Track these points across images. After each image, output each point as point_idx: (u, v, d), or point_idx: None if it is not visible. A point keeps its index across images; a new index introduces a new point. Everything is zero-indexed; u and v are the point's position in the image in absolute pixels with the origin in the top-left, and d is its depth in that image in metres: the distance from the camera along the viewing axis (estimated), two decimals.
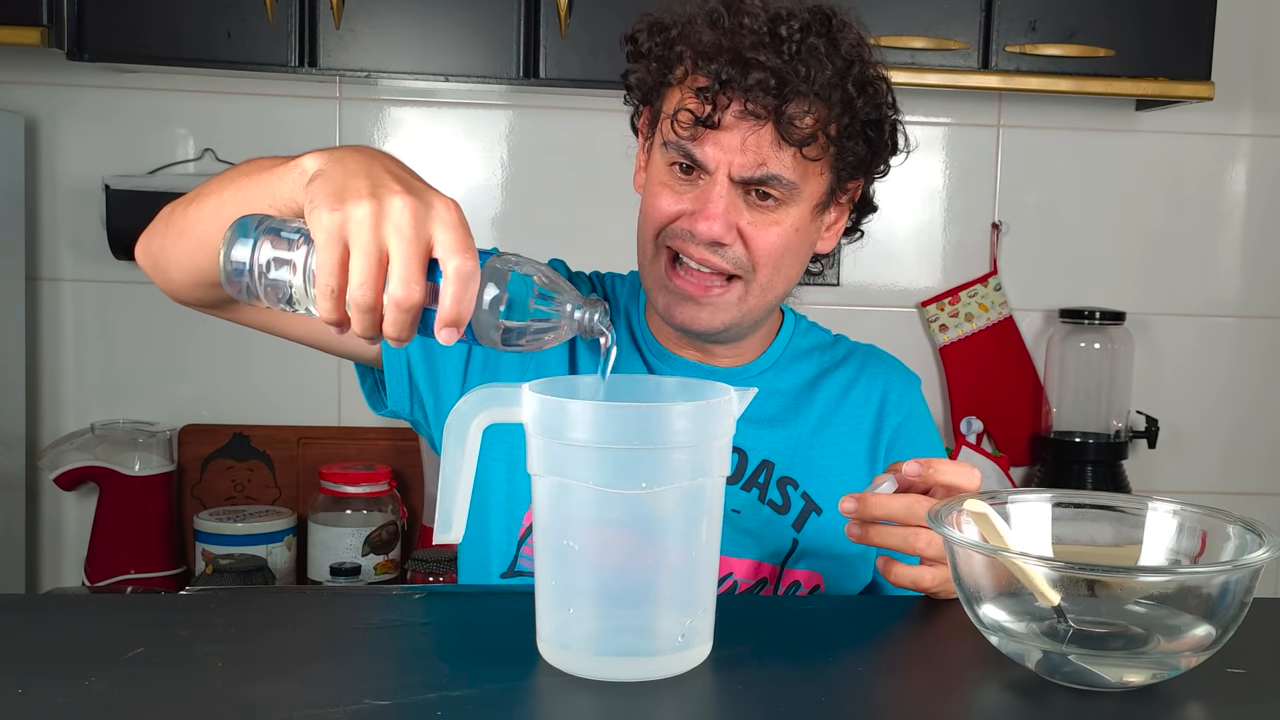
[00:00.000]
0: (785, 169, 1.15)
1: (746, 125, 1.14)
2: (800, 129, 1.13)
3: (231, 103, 2.40)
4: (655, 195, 1.20)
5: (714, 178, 1.16)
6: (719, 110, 1.13)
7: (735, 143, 1.14)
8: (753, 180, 1.15)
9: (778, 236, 1.18)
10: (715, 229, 1.15)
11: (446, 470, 0.83)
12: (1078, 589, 0.80)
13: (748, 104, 1.12)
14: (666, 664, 0.81)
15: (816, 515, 1.25)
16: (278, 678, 0.79)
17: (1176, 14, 2.24)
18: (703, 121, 1.13)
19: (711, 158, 1.15)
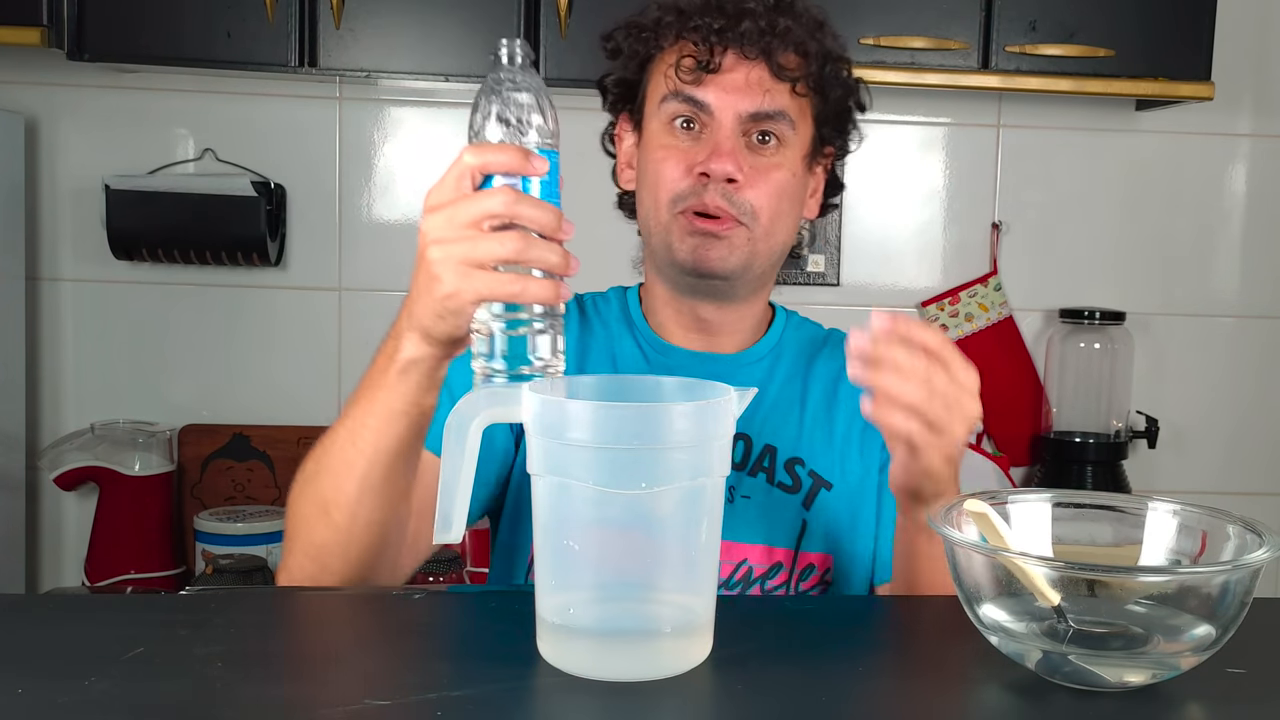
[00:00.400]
0: (785, 104, 1.23)
1: (744, 66, 1.22)
2: (790, 69, 1.22)
3: (231, 103, 2.40)
4: (661, 162, 1.24)
5: (719, 120, 1.22)
6: (716, 57, 1.21)
7: (737, 82, 1.21)
8: (759, 114, 1.22)
9: (778, 180, 1.24)
10: (729, 166, 1.20)
11: (446, 471, 0.83)
12: (1078, 589, 0.80)
13: (743, 47, 1.21)
14: (666, 664, 0.81)
15: (826, 491, 1.27)
16: (278, 678, 0.79)
17: (1176, 14, 2.24)
18: (703, 66, 1.21)
19: (716, 99, 1.22)
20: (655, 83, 1.26)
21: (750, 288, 1.30)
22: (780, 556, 1.25)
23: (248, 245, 2.33)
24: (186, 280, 2.43)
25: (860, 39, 2.18)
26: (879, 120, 2.55)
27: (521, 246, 0.88)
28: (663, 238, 1.25)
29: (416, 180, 2.46)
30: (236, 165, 2.39)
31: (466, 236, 0.89)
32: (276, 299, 2.45)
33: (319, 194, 2.44)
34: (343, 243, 2.46)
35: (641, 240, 1.34)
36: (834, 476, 1.28)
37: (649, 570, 0.82)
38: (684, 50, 1.22)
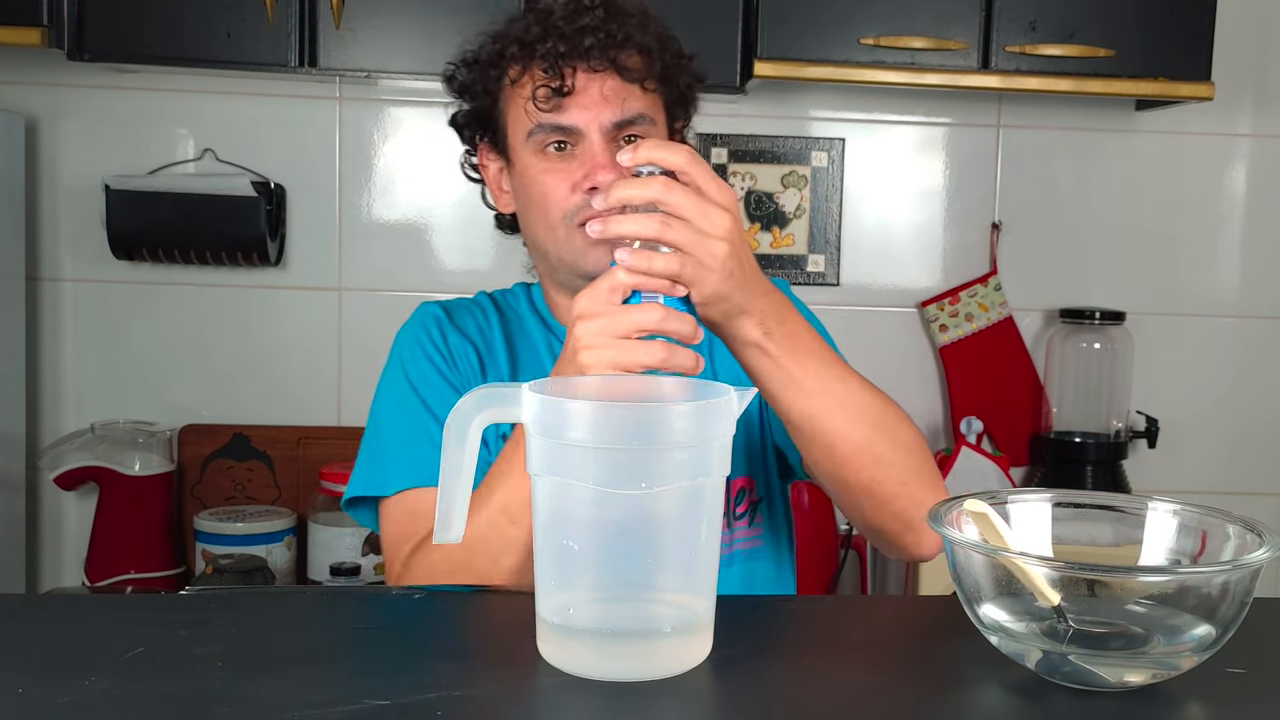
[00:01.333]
0: (641, 104, 1.28)
1: (596, 81, 1.26)
2: (636, 70, 1.27)
3: (231, 103, 2.40)
4: (542, 185, 1.29)
5: (588, 136, 1.26)
6: (567, 79, 1.25)
7: (594, 98, 1.26)
8: (622, 122, 1.26)
9: None
10: (611, 175, 1.22)
11: (446, 471, 0.83)
12: (1078, 589, 0.80)
13: (589, 63, 1.25)
14: (666, 664, 0.81)
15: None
16: (278, 678, 0.79)
17: (1176, 14, 2.24)
18: (559, 92, 1.25)
19: (579, 119, 1.26)
20: (515, 115, 1.30)
21: None
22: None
23: (248, 245, 2.33)
24: (186, 280, 2.43)
25: (860, 39, 2.18)
26: (879, 120, 2.55)
27: (666, 355, 0.99)
28: (563, 254, 1.30)
29: (416, 180, 2.46)
30: (236, 165, 2.39)
31: (618, 345, 1.00)
32: (276, 299, 2.45)
33: (319, 194, 2.44)
34: (343, 243, 2.46)
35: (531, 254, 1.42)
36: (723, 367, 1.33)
37: (649, 570, 0.82)
38: (535, 80, 1.26)
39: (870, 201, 2.55)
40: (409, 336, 1.38)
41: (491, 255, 2.48)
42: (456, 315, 1.39)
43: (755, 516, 1.35)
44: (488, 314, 1.41)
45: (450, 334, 1.36)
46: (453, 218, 2.47)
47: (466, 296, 1.46)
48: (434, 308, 1.40)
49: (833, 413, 1.13)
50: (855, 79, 2.21)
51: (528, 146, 1.29)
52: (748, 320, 1.08)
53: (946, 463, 2.47)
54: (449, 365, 1.33)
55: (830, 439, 1.14)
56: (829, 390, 1.13)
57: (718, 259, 1.02)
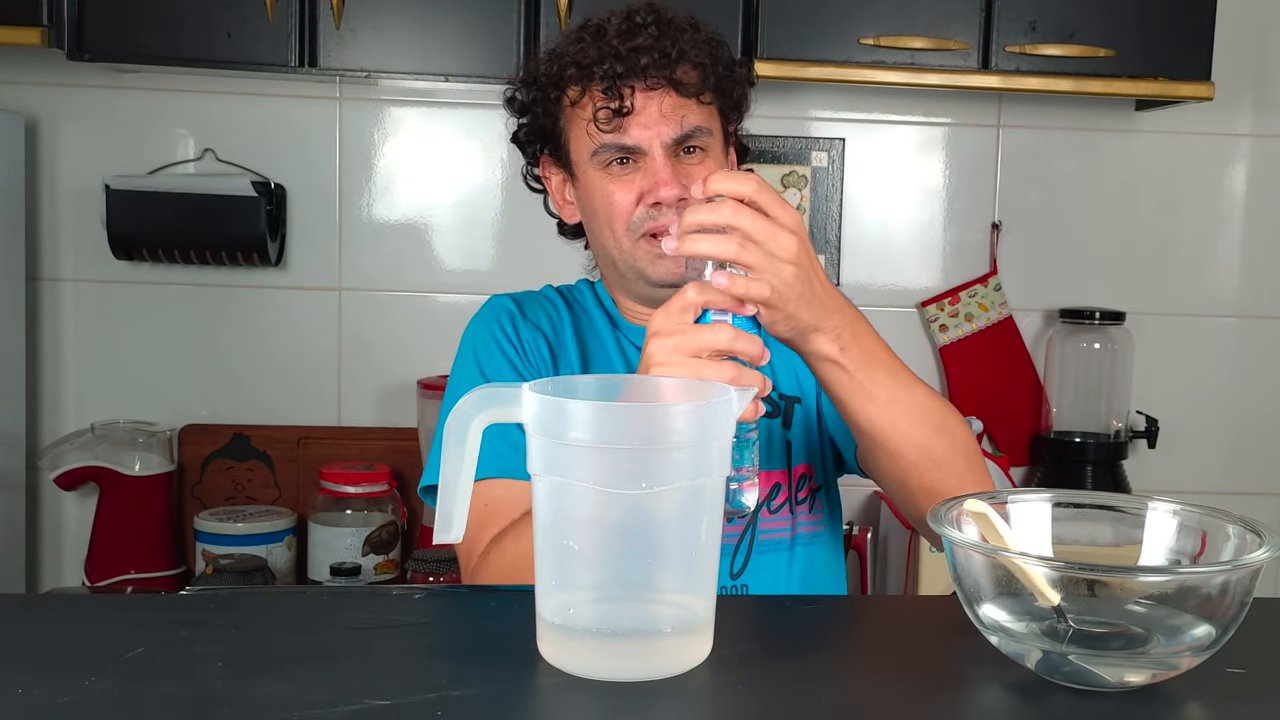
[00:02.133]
0: (698, 118, 1.32)
1: (654, 99, 1.30)
2: (692, 85, 1.31)
3: (231, 103, 2.40)
4: (608, 195, 1.34)
5: (650, 153, 1.31)
6: (626, 99, 1.29)
7: (653, 116, 1.30)
8: (681, 138, 1.31)
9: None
10: (676, 190, 1.29)
11: (446, 471, 0.83)
12: (1078, 589, 0.80)
13: (646, 81, 1.29)
14: (666, 664, 0.81)
15: (798, 405, 1.40)
16: (278, 678, 0.79)
17: (1176, 14, 2.24)
18: (619, 113, 1.29)
19: (641, 138, 1.31)
20: (577, 134, 1.35)
21: None
22: (778, 478, 1.37)
23: (248, 245, 2.33)
24: (186, 280, 2.43)
25: (860, 39, 2.18)
26: (879, 120, 2.55)
27: (735, 375, 1.01)
28: (630, 263, 1.35)
29: (416, 180, 2.46)
30: (236, 165, 2.39)
31: (689, 363, 1.02)
32: (276, 299, 2.45)
33: (319, 194, 2.44)
34: (343, 243, 2.46)
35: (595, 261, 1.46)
36: (795, 390, 1.41)
37: (649, 570, 0.82)
38: (595, 101, 1.30)
39: (870, 201, 2.55)
40: (482, 328, 1.40)
41: (491, 255, 2.48)
42: (528, 307, 1.43)
43: (815, 503, 1.39)
44: (558, 308, 1.44)
45: (522, 326, 1.39)
46: (453, 218, 2.47)
47: (533, 290, 1.49)
48: (505, 300, 1.44)
49: (900, 421, 1.18)
50: (855, 79, 2.21)
51: (592, 164, 1.34)
52: (822, 337, 1.12)
53: None
54: (521, 357, 1.37)
55: (897, 445, 1.19)
56: (897, 400, 1.18)
57: (786, 281, 1.05)
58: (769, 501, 1.36)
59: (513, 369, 1.35)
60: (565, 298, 1.48)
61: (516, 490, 1.25)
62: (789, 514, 1.37)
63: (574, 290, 1.50)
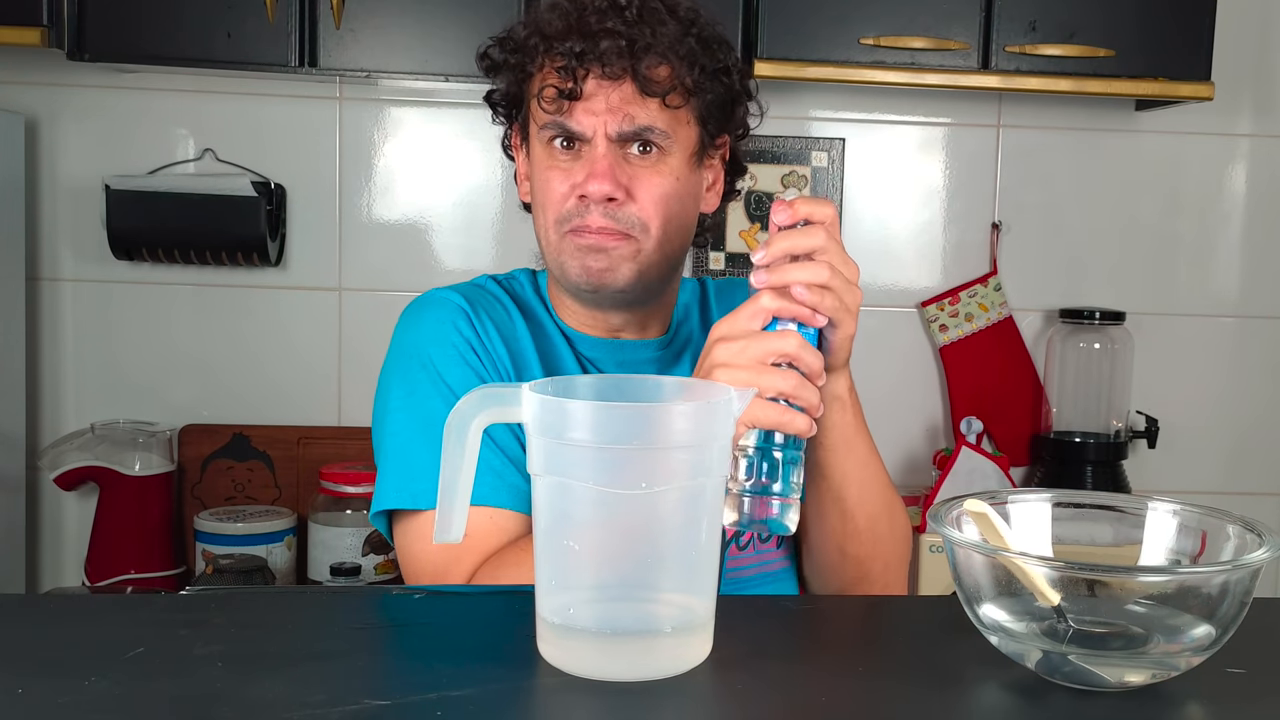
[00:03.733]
0: (655, 119, 1.23)
1: (608, 87, 1.22)
2: (658, 83, 1.22)
3: (231, 103, 2.40)
4: (546, 183, 1.27)
5: (593, 141, 1.23)
6: (579, 81, 1.21)
7: (601, 105, 1.22)
8: (629, 134, 1.23)
9: (661, 185, 1.25)
10: (605, 186, 1.22)
11: (446, 471, 0.83)
12: (1078, 589, 0.80)
13: (604, 68, 1.21)
14: (666, 664, 0.81)
15: None
16: (278, 678, 0.79)
17: (1176, 14, 2.24)
18: (566, 94, 1.22)
19: (585, 124, 1.23)
20: (533, 108, 1.27)
21: (651, 292, 1.32)
22: None
23: (248, 245, 2.33)
24: (186, 280, 2.43)
25: (860, 39, 2.18)
26: (879, 120, 2.55)
27: (797, 385, 1.01)
28: (555, 258, 1.29)
29: (416, 180, 2.46)
30: (236, 165, 2.39)
31: (754, 368, 1.01)
32: (276, 299, 2.45)
33: (319, 194, 2.44)
34: (343, 243, 2.46)
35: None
36: None
37: (649, 570, 0.82)
38: (547, 78, 1.23)
39: (870, 201, 2.55)
40: (434, 330, 1.29)
41: (492, 255, 2.48)
42: (480, 306, 1.32)
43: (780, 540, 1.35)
44: (508, 310, 1.34)
45: (480, 330, 1.29)
46: (453, 218, 2.47)
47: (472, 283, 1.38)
48: (454, 298, 1.32)
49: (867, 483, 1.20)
50: (855, 79, 2.21)
51: (539, 138, 1.27)
52: (845, 375, 1.13)
53: (947, 463, 2.47)
54: (484, 366, 1.27)
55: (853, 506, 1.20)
56: (870, 461, 1.20)
57: (857, 305, 1.07)
58: (736, 538, 1.31)
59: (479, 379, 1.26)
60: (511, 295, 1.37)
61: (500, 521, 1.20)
62: (753, 551, 1.33)
63: (514, 284, 1.40)
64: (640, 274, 1.26)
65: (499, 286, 1.38)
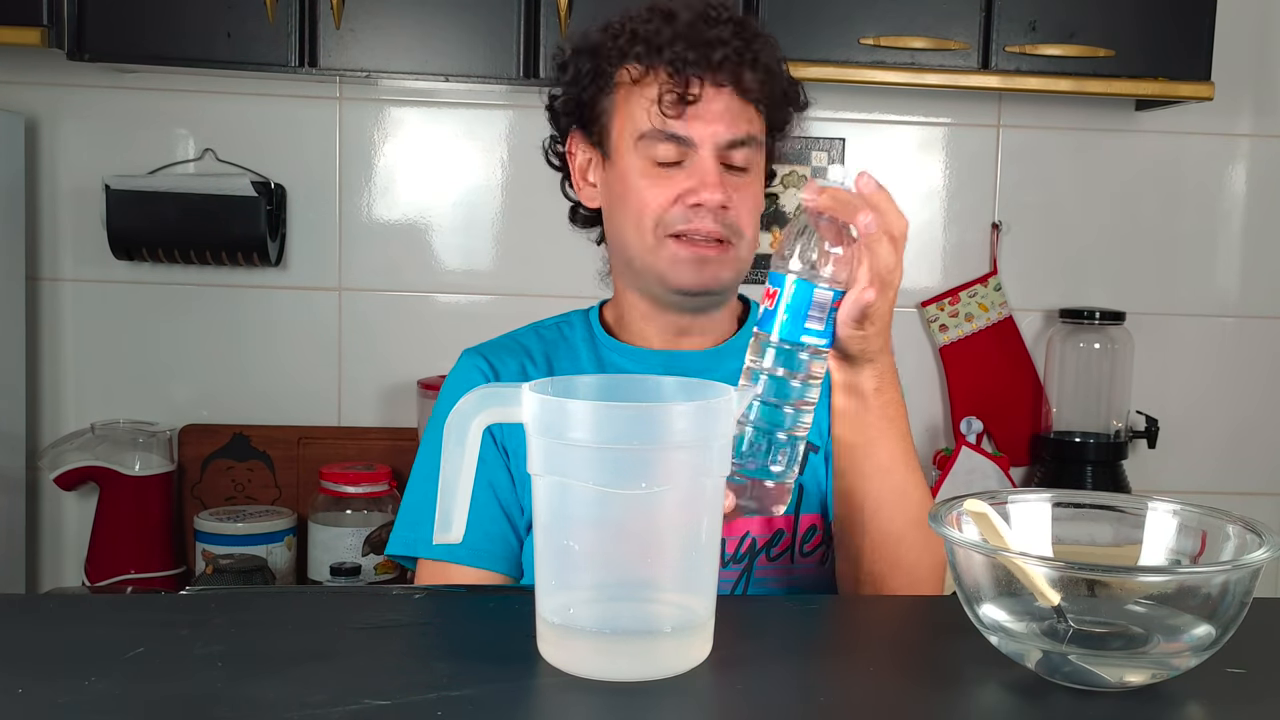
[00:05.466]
0: (755, 128, 1.27)
1: (718, 95, 1.25)
2: (754, 91, 1.26)
3: (231, 103, 2.40)
4: (643, 190, 1.27)
5: (701, 152, 1.25)
6: (694, 88, 1.24)
7: (714, 113, 1.24)
8: (734, 142, 1.25)
9: (755, 195, 1.30)
10: (719, 195, 1.24)
11: (446, 470, 0.83)
12: (1078, 589, 0.80)
13: (715, 77, 1.24)
14: (666, 664, 0.81)
15: (814, 454, 1.32)
16: (278, 678, 0.79)
17: (1176, 14, 2.24)
18: (683, 99, 1.23)
19: (696, 131, 1.24)
20: (626, 113, 1.28)
21: (732, 294, 1.37)
22: (780, 524, 1.29)
23: (248, 245, 2.33)
24: (186, 280, 2.43)
25: (860, 39, 2.18)
26: (879, 120, 2.55)
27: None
28: (650, 262, 1.28)
29: (416, 180, 2.46)
30: (236, 165, 2.39)
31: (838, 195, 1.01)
32: (276, 299, 2.45)
33: (319, 194, 2.44)
34: (343, 243, 2.46)
35: (608, 255, 1.38)
36: (816, 439, 1.31)
37: (649, 570, 0.82)
38: (661, 83, 1.24)
39: None
40: (451, 386, 1.35)
41: (491, 255, 2.48)
42: (496, 359, 1.35)
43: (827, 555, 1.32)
44: (531, 353, 1.35)
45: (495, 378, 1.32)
46: (453, 218, 2.47)
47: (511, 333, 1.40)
48: (474, 358, 1.36)
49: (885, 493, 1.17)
50: (855, 79, 2.21)
51: (635, 149, 1.27)
52: (871, 370, 1.11)
53: (947, 463, 2.47)
54: None
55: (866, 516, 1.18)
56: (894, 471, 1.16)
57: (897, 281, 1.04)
58: (768, 549, 1.29)
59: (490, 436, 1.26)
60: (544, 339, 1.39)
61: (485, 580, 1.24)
62: (789, 562, 1.30)
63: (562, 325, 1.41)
64: (736, 278, 1.31)
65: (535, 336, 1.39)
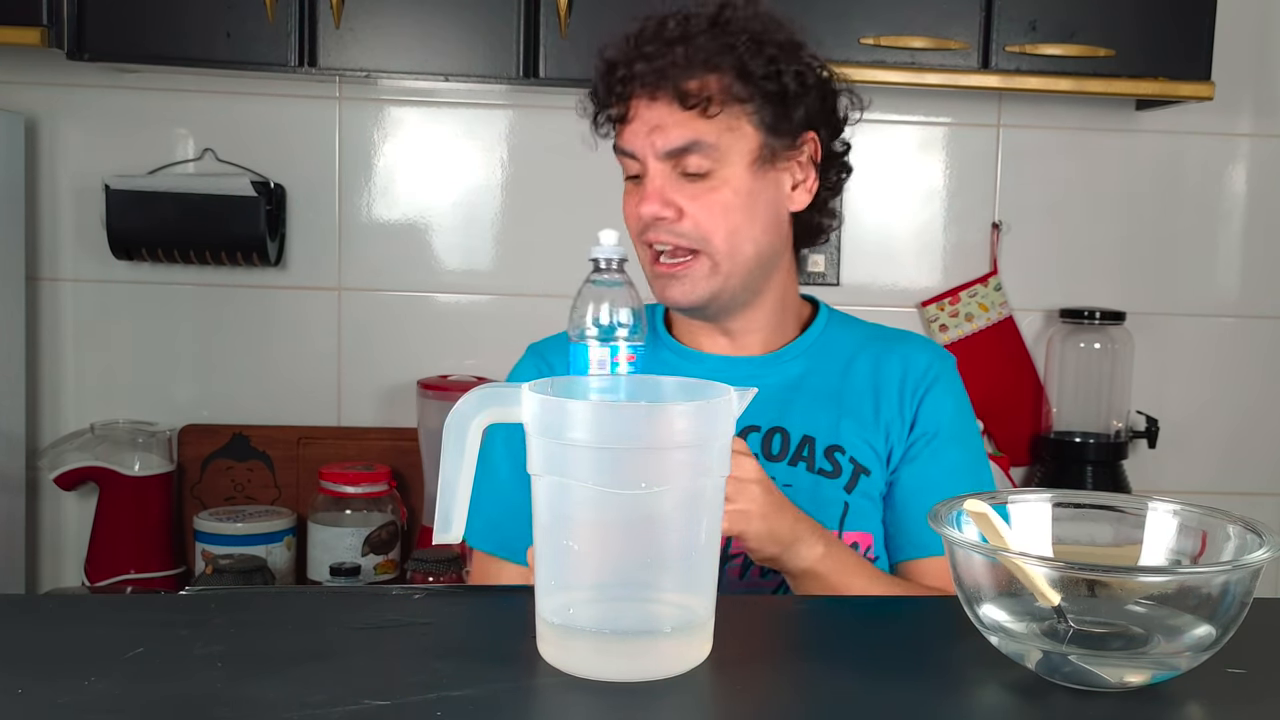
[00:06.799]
0: (700, 133, 1.25)
1: (646, 108, 1.27)
2: (696, 96, 1.25)
3: (231, 103, 2.40)
4: (625, 204, 1.33)
5: (645, 164, 1.28)
6: (625, 104, 1.28)
7: (641, 127, 1.27)
8: (675, 150, 1.26)
9: (717, 202, 1.28)
10: (654, 207, 1.27)
11: (446, 470, 0.83)
12: (1078, 589, 0.80)
13: (643, 90, 1.26)
14: (666, 664, 0.81)
15: (865, 477, 1.33)
16: (278, 678, 0.79)
17: (1176, 14, 2.24)
18: (615, 118, 1.30)
19: (635, 145, 1.28)
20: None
21: (744, 297, 1.35)
22: None
23: (248, 245, 2.33)
24: (186, 280, 2.43)
25: (860, 39, 2.18)
26: (879, 120, 2.55)
27: None
28: (647, 275, 1.33)
29: (416, 180, 2.46)
30: (236, 165, 2.39)
31: None
32: (276, 299, 2.45)
33: (319, 194, 2.44)
34: (343, 243, 2.46)
35: None
36: (871, 464, 1.33)
37: (649, 570, 0.82)
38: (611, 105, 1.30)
39: (870, 201, 2.55)
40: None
41: (491, 255, 2.48)
42: (553, 356, 1.39)
43: None
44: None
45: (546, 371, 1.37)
46: (453, 218, 2.47)
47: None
48: (532, 355, 1.42)
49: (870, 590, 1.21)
50: (855, 79, 2.19)
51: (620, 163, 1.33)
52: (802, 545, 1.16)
53: None
54: None
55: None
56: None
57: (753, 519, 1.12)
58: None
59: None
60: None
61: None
62: None
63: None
64: (716, 289, 1.30)
65: None
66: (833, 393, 1.36)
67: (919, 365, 1.37)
